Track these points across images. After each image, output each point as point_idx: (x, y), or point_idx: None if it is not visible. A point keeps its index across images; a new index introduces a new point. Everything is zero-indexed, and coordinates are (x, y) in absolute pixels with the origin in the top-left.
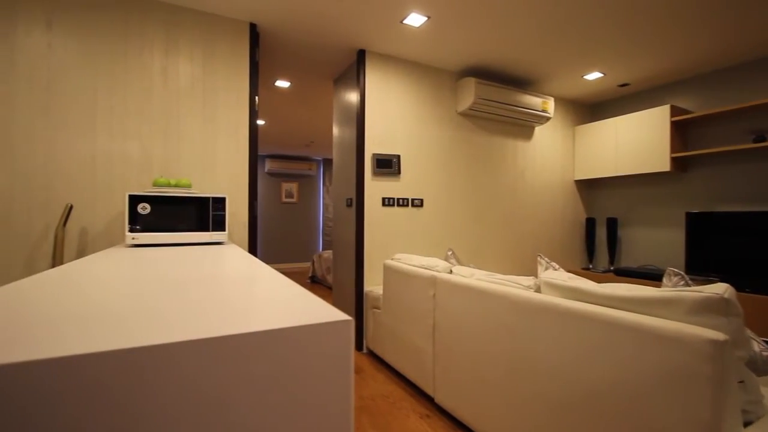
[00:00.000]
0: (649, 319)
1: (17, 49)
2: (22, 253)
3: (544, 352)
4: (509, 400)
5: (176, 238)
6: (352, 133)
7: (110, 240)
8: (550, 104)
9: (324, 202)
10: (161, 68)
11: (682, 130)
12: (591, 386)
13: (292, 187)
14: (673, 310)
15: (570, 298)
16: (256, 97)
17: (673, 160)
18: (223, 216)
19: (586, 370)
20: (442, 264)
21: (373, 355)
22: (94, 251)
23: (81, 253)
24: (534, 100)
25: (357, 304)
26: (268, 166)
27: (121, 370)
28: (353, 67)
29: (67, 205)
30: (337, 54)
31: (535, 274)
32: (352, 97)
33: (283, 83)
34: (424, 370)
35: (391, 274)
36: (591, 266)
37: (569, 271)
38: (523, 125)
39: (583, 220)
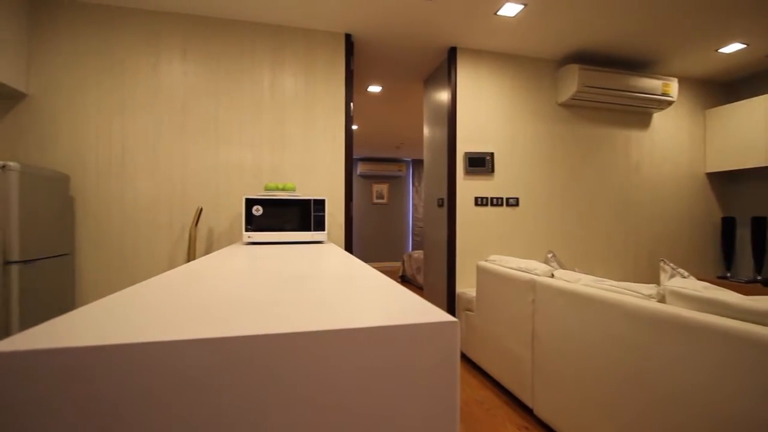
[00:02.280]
0: None
1: (162, 78)
2: (165, 249)
3: (668, 371)
4: (621, 422)
5: (283, 236)
6: (443, 133)
7: (231, 238)
8: (673, 86)
9: (413, 202)
10: (269, 83)
11: None
12: (728, 416)
13: (383, 188)
14: None
15: (704, 311)
16: (351, 104)
17: None
18: (323, 217)
19: (722, 395)
20: (542, 267)
21: (466, 359)
22: (218, 248)
23: (209, 250)
24: (652, 83)
25: (449, 305)
26: (360, 168)
27: (260, 351)
28: (443, 66)
29: (198, 208)
30: (428, 54)
31: (654, 281)
32: (443, 96)
33: (374, 88)
34: (522, 379)
35: (485, 276)
36: (729, 275)
37: (700, 280)
38: (638, 112)
39: (718, 220)
